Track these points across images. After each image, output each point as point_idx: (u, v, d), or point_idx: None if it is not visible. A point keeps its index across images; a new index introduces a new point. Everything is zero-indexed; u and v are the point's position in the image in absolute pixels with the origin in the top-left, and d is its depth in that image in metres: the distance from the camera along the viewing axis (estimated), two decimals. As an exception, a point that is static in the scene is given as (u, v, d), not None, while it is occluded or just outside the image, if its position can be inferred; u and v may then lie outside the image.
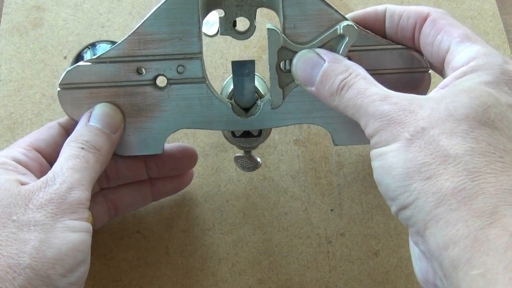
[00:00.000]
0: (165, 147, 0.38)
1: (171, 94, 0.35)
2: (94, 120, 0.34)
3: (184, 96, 0.35)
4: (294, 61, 0.34)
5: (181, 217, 0.44)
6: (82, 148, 0.32)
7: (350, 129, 0.36)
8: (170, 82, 0.35)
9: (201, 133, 0.46)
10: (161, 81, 0.35)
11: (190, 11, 0.33)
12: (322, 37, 0.34)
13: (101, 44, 0.36)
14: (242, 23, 0.37)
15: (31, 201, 0.30)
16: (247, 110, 0.37)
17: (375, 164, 0.29)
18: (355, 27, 0.33)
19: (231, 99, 0.37)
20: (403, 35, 0.34)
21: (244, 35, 0.36)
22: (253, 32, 0.36)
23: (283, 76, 0.35)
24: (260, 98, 0.37)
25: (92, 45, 0.37)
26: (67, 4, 0.51)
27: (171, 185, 0.42)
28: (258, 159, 0.40)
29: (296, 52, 0.34)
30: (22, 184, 0.31)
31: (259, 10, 0.36)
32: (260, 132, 0.38)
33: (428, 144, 0.26)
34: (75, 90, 0.35)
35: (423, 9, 0.33)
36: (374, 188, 0.44)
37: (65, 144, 0.33)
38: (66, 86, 0.35)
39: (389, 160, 0.27)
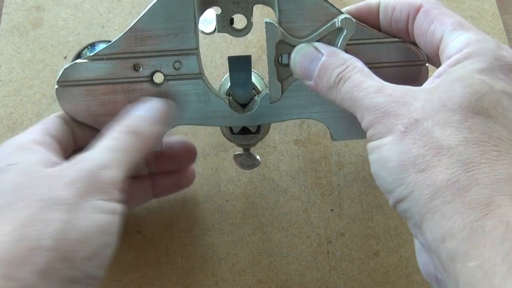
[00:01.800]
0: (164, 141, 0.38)
1: (168, 90, 0.35)
2: (140, 109, 0.33)
3: (181, 92, 0.35)
4: (292, 55, 0.34)
5: (181, 217, 0.44)
6: (124, 132, 0.31)
7: (348, 124, 0.36)
8: (167, 78, 0.35)
9: (201, 133, 0.46)
10: (158, 78, 0.35)
11: (186, 7, 0.33)
12: (320, 31, 0.34)
13: (100, 44, 0.36)
14: (241, 23, 0.37)
15: (57, 179, 0.28)
16: (244, 106, 0.37)
17: (371, 157, 0.28)
18: (353, 20, 0.33)
19: (229, 96, 0.37)
20: (397, 27, 0.34)
21: (242, 32, 0.36)
22: (250, 29, 0.36)
23: (281, 70, 0.35)
24: (257, 94, 0.37)
25: (92, 45, 0.37)
26: (67, 4, 0.51)
27: (171, 180, 0.41)
28: (257, 157, 0.40)
29: (294, 46, 0.34)
30: (48, 165, 0.30)
31: (259, 10, 0.36)
32: (258, 129, 0.38)
33: (421, 136, 0.26)
34: (73, 87, 0.35)
35: (415, 0, 0.33)
36: (374, 188, 0.44)
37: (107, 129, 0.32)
38: (64, 84, 0.35)
39: (384, 153, 0.27)
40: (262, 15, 0.50)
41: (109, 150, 0.30)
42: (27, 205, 0.27)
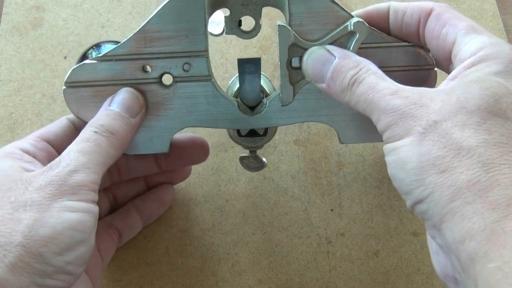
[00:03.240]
0: (177, 138, 0.39)
1: (177, 92, 0.35)
2: (114, 105, 0.34)
3: (189, 94, 0.35)
4: (305, 58, 0.34)
5: (181, 217, 0.44)
6: (95, 132, 0.32)
7: (357, 127, 0.36)
8: (176, 80, 0.35)
9: (201, 133, 0.46)
10: (167, 79, 0.35)
11: (196, 9, 0.34)
12: (332, 34, 0.34)
13: (106, 44, 0.36)
14: (247, 25, 0.37)
15: (31, 184, 0.30)
16: (252, 108, 0.37)
17: (388, 159, 0.28)
18: (366, 24, 0.33)
19: (237, 98, 0.37)
20: (407, 31, 0.34)
21: (250, 34, 0.36)
22: (259, 31, 0.36)
23: (293, 73, 0.35)
24: (266, 97, 0.37)
25: (97, 46, 0.37)
26: (67, 4, 0.51)
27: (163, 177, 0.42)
28: (264, 159, 0.40)
29: (306, 49, 0.34)
30: (27, 171, 0.31)
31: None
32: (265, 131, 0.38)
33: (441, 137, 0.26)
34: (81, 88, 0.35)
35: (426, 4, 0.33)
36: (374, 188, 0.44)
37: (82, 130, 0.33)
38: (72, 84, 0.35)
39: (403, 154, 0.27)
40: (262, 15, 0.50)
41: (82, 154, 0.31)
42: (1, 206, 0.29)
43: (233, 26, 0.36)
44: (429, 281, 0.42)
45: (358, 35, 0.33)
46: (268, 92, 0.38)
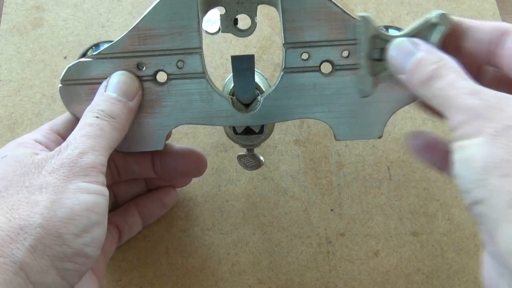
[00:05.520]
0: (175, 148, 0.39)
1: (171, 89, 0.35)
2: (110, 89, 0.34)
3: (184, 92, 0.35)
4: (389, 48, 0.34)
5: (181, 217, 0.44)
6: (97, 117, 0.32)
7: (352, 124, 0.36)
8: (170, 77, 0.35)
9: (201, 133, 0.46)
10: (161, 77, 0.36)
11: (189, 6, 0.34)
12: (414, 26, 0.34)
13: (105, 44, 0.36)
14: (242, 22, 0.37)
15: (44, 168, 0.30)
16: (247, 106, 0.37)
17: (455, 156, 0.28)
18: (450, 16, 0.33)
19: (233, 95, 0.37)
20: (477, 48, 0.34)
21: (245, 32, 0.36)
22: (254, 30, 0.37)
23: (373, 65, 0.35)
24: (261, 94, 0.37)
25: (96, 46, 0.37)
26: (67, 4, 0.51)
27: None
28: (261, 157, 0.40)
29: (387, 41, 0.34)
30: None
31: (259, 9, 0.36)
32: (261, 129, 0.38)
33: (510, 142, 0.26)
34: (77, 86, 0.35)
35: (501, 24, 0.33)
36: (374, 188, 0.44)
37: (82, 115, 0.33)
38: (68, 82, 0.35)
39: (469, 153, 0.27)
40: (262, 14, 0.50)
41: (88, 138, 0.31)
42: (17, 191, 0.29)
43: (228, 24, 0.36)
44: (429, 281, 0.42)
45: (442, 27, 0.33)
46: (263, 89, 0.38)
